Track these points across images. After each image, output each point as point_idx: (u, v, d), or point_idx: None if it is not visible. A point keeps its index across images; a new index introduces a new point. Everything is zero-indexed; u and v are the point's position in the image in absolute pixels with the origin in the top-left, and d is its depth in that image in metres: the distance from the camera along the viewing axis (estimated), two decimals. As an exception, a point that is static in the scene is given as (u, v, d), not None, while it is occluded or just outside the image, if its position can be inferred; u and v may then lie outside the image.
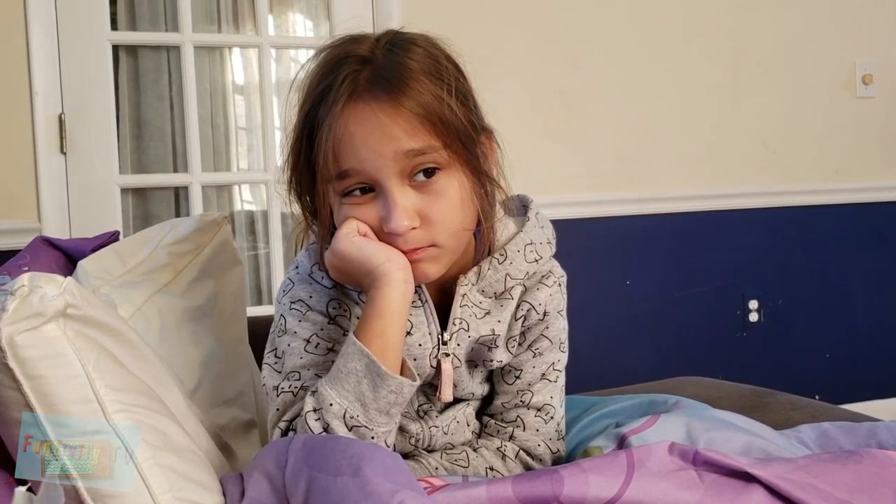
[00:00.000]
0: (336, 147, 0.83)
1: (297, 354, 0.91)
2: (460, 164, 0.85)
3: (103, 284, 1.15)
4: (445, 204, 0.84)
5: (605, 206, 2.49)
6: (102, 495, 0.67)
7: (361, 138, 0.82)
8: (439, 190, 0.84)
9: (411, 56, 0.84)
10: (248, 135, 2.53)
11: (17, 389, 0.67)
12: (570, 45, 2.46)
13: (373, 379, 0.81)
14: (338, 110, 0.82)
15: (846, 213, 2.72)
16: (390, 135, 0.81)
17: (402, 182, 0.83)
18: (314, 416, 0.82)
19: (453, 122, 0.83)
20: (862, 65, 2.72)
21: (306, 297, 0.93)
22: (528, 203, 1.00)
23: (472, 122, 0.86)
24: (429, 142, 0.82)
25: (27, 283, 0.69)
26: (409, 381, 0.83)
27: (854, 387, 2.70)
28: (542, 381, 0.99)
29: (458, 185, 0.85)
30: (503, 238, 0.95)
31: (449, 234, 0.85)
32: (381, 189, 0.84)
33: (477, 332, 0.94)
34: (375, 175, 0.83)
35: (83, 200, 2.13)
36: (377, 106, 0.82)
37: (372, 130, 0.82)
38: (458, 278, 0.93)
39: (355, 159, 0.83)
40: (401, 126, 0.81)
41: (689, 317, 2.58)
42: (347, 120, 0.82)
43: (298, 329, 0.92)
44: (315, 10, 2.53)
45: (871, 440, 1.01)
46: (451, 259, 0.88)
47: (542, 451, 0.99)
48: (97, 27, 2.15)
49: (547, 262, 0.97)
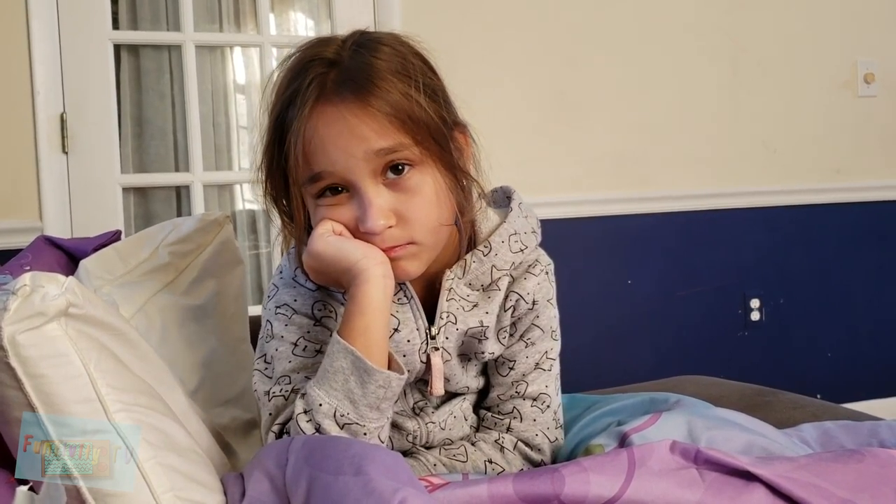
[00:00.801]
0: (306, 150, 0.83)
1: (285, 358, 0.91)
2: (433, 160, 0.85)
3: (105, 284, 1.15)
4: (420, 201, 0.84)
5: (605, 205, 2.49)
6: (104, 495, 0.67)
7: (331, 140, 0.82)
8: (413, 187, 0.84)
9: (378, 55, 0.84)
10: (250, 134, 2.52)
11: (18, 389, 0.67)
12: (570, 44, 2.46)
13: (360, 375, 0.81)
14: (305, 113, 0.82)
15: (847, 213, 2.72)
16: (360, 135, 0.81)
17: (375, 181, 0.83)
18: (305, 418, 0.82)
19: (423, 118, 0.83)
20: (863, 64, 2.72)
21: (291, 301, 0.93)
22: (511, 194, 1.00)
23: (444, 118, 0.86)
24: (399, 139, 0.82)
25: (29, 283, 0.69)
26: (396, 375, 0.82)
27: (855, 386, 2.70)
28: (536, 371, 0.99)
29: (433, 181, 0.85)
30: (486, 230, 0.95)
31: (426, 230, 0.85)
32: (355, 189, 0.84)
33: (465, 324, 0.94)
34: (348, 176, 0.83)
35: (84, 200, 2.13)
36: (345, 108, 0.82)
37: (341, 132, 0.81)
38: (443, 273, 0.93)
39: (326, 161, 0.82)
40: (370, 126, 0.81)
41: (690, 316, 2.58)
42: (316, 123, 0.82)
43: (285, 333, 0.92)
44: (316, 9, 2.53)
45: (873, 439, 1.01)
46: (432, 255, 0.88)
47: (540, 441, 0.99)
48: (98, 26, 2.15)
49: (533, 251, 0.97)
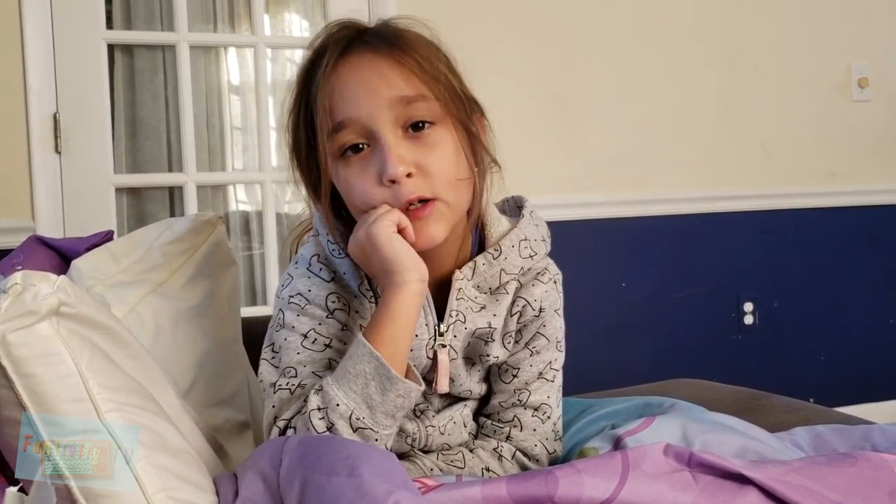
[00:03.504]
0: (331, 98, 0.85)
1: (294, 350, 0.90)
2: (453, 121, 0.87)
3: (97, 284, 1.14)
4: (441, 154, 0.86)
5: (601, 207, 2.49)
6: (95, 495, 0.67)
7: (357, 84, 0.85)
8: (433, 142, 0.86)
9: (405, 30, 0.89)
10: (244, 135, 2.52)
11: (9, 388, 0.67)
12: (567, 46, 2.47)
13: (381, 382, 0.81)
14: (332, 65, 0.86)
15: (842, 216, 2.73)
16: (386, 80, 0.84)
17: (395, 132, 0.85)
18: (318, 415, 0.81)
19: (446, 81, 0.86)
20: (857, 68, 2.73)
21: (305, 291, 0.92)
22: (523, 203, 1.00)
23: (465, 91, 0.89)
24: (423, 91, 0.85)
25: (20, 282, 0.68)
26: (416, 386, 0.83)
27: (848, 390, 2.70)
28: (539, 381, 0.99)
29: (452, 139, 0.87)
30: (497, 234, 0.95)
31: (446, 184, 0.86)
32: (376, 140, 0.85)
33: (473, 324, 0.94)
34: (370, 124, 0.84)
35: (77, 199, 2.13)
36: (372, 56, 0.85)
37: (367, 76, 0.85)
38: (453, 273, 0.93)
39: (352, 105, 0.84)
40: (397, 72, 0.85)
41: (684, 319, 2.59)
42: (340, 71, 0.86)
43: (297, 324, 0.91)
44: (311, 10, 2.53)
45: (866, 443, 1.01)
46: (454, 219, 0.89)
47: (538, 452, 0.99)
48: (92, 26, 2.14)
49: (541, 259, 0.97)
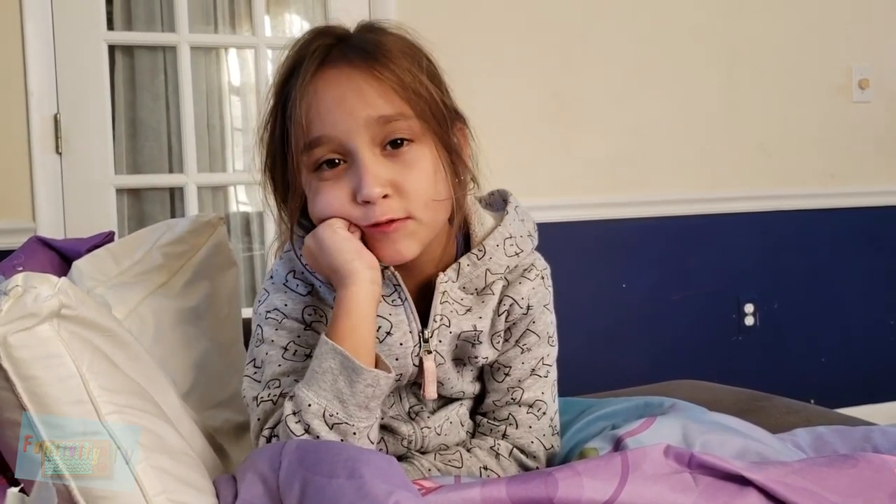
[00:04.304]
0: (307, 113, 0.83)
1: (275, 362, 0.90)
2: (433, 138, 0.85)
3: (98, 285, 1.14)
4: (418, 173, 0.84)
5: (601, 208, 2.49)
6: (95, 496, 0.67)
7: (334, 102, 0.82)
8: (411, 160, 0.84)
9: (385, 36, 0.86)
10: (244, 136, 2.52)
11: (10, 390, 0.67)
12: (565, 47, 2.47)
13: (348, 375, 0.81)
14: (308, 78, 0.83)
15: (842, 217, 2.73)
16: (363, 98, 0.81)
17: (373, 150, 0.83)
18: (294, 419, 0.81)
19: (426, 95, 0.84)
20: (858, 69, 2.73)
21: (281, 306, 0.92)
22: (508, 197, 0.99)
23: (445, 104, 0.87)
24: (401, 109, 0.82)
25: (21, 284, 0.68)
26: (384, 374, 0.82)
27: (849, 391, 2.70)
28: (532, 377, 0.98)
29: (431, 157, 0.85)
30: (482, 233, 0.94)
31: (422, 204, 0.84)
32: (352, 157, 0.83)
33: (458, 327, 0.93)
34: (346, 142, 0.82)
35: (78, 201, 2.13)
36: (350, 71, 0.82)
37: (345, 94, 0.82)
38: (437, 275, 0.92)
39: (327, 124, 0.82)
40: (375, 90, 0.82)
41: (684, 320, 2.59)
42: (317, 85, 0.83)
43: (275, 337, 0.91)
44: (312, 11, 2.53)
45: (867, 444, 1.01)
46: (427, 237, 0.87)
47: (535, 448, 0.98)
48: (93, 27, 2.15)
49: (528, 255, 0.96)
